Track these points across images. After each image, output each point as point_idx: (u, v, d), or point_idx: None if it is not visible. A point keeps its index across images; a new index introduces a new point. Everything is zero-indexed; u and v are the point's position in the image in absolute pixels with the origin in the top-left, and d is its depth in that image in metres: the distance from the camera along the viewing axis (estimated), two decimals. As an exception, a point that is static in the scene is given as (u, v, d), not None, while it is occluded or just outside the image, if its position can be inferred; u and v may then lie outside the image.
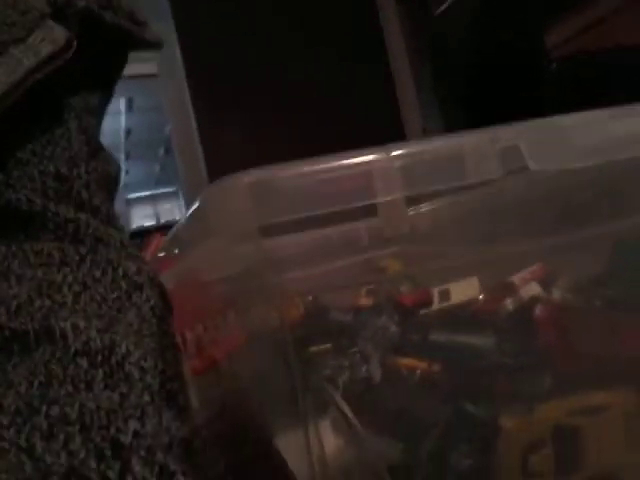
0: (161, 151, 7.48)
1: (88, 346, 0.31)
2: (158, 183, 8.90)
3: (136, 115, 6.23)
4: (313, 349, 0.46)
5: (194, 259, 0.47)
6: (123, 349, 0.32)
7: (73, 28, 0.37)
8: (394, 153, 0.39)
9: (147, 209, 9.38)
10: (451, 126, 2.36)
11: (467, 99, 2.09)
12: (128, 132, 6.82)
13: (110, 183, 0.40)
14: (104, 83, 0.43)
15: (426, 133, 3.09)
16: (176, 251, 0.57)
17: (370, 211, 0.57)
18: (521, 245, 0.63)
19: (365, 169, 0.39)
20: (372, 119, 3.24)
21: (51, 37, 0.35)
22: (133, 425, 0.30)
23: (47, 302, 0.32)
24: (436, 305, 0.58)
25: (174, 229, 0.58)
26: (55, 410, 0.29)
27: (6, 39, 0.34)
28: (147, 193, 9.16)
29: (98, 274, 0.34)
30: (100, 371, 0.31)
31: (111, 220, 0.38)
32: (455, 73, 2.17)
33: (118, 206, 0.42)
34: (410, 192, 0.40)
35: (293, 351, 0.41)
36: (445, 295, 0.60)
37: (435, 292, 0.60)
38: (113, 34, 0.40)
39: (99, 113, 0.42)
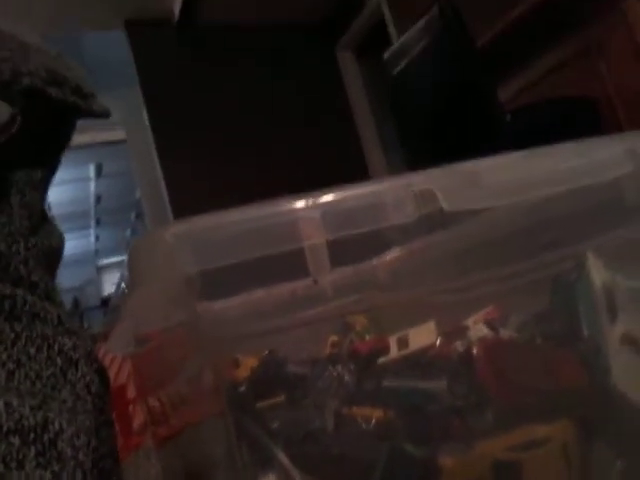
0: (132, 216, 7.47)
1: (21, 424, 0.30)
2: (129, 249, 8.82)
3: (106, 181, 6.23)
4: (262, 404, 0.46)
5: (131, 313, 0.46)
6: (56, 426, 0.31)
7: (18, 103, 0.37)
8: (316, 200, 0.40)
9: (117, 276, 9.27)
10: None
11: (427, 153, 2.15)
12: (98, 198, 6.81)
13: (51, 257, 0.39)
14: (50, 154, 0.43)
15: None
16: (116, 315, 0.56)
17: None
18: (478, 288, 0.63)
19: (289, 217, 0.40)
20: (339, 176, 3.30)
21: None
22: None
23: None
24: (394, 353, 0.57)
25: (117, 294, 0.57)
26: None
27: None
28: (119, 259, 9.07)
29: (33, 351, 0.34)
30: (32, 449, 0.30)
31: (50, 294, 0.37)
32: (414, 128, 2.23)
33: (88, 273, 0.41)
34: (333, 236, 0.40)
35: (233, 410, 0.41)
36: (403, 342, 0.60)
37: (393, 340, 0.60)
38: (59, 107, 0.40)
39: (44, 186, 0.42)
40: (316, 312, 0.78)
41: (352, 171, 3.39)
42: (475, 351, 0.45)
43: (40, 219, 0.40)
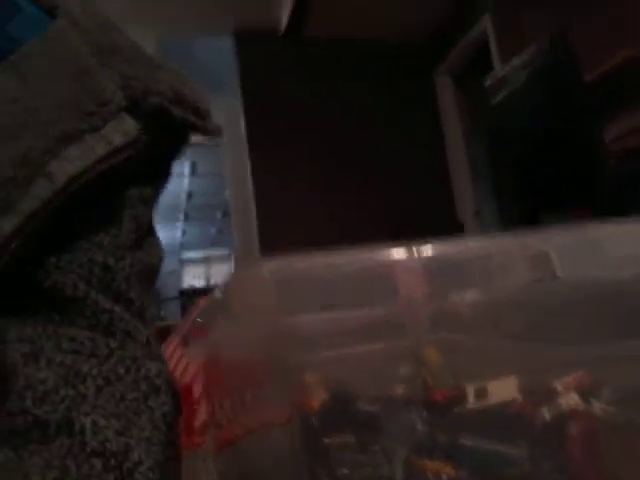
0: (219, 214, 7.68)
1: (104, 447, 0.31)
2: (213, 245, 9.09)
3: (198, 179, 6.45)
4: (331, 440, 0.45)
5: (220, 338, 0.46)
6: (136, 457, 0.32)
7: (142, 120, 0.38)
8: (421, 253, 0.39)
9: (199, 269, 9.55)
10: (504, 213, 2.34)
11: (521, 187, 2.07)
12: (189, 195, 7.05)
13: (150, 275, 0.40)
14: (162, 169, 0.44)
15: (478, 215, 3.08)
16: (203, 320, 0.57)
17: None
18: (566, 349, 0.60)
19: (389, 268, 0.38)
20: (425, 199, 3.25)
21: (124, 129, 0.37)
22: None
23: (71, 392, 0.32)
24: (471, 403, 0.55)
25: (206, 302, 0.58)
26: None
27: (84, 127, 0.36)
28: (201, 254, 9.35)
29: (122, 371, 0.34)
30: (112, 475, 0.31)
31: (142, 313, 0.38)
32: (510, 159, 2.17)
33: (171, 265, 0.42)
34: (434, 291, 0.39)
35: (304, 442, 0.40)
36: (482, 393, 0.58)
37: (471, 390, 0.58)
38: (177, 125, 0.41)
39: (153, 200, 0.43)
40: (391, 344, 0.77)
41: (437, 196, 3.34)
42: (573, 430, 0.42)
43: (145, 233, 0.41)
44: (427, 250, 0.39)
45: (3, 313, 0.35)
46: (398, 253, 0.39)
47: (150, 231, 0.42)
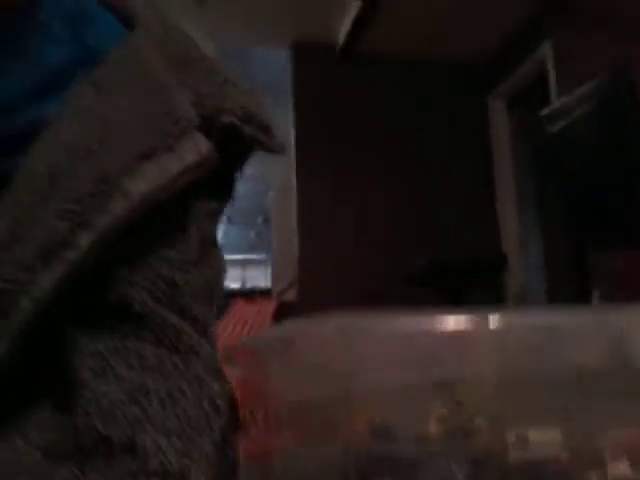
0: (260, 219, 7.72)
1: (164, 468, 0.31)
2: (251, 249, 9.15)
3: (242, 183, 6.49)
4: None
5: (276, 374, 0.46)
6: (194, 478, 0.32)
7: (214, 139, 0.39)
8: (492, 324, 0.38)
9: (235, 272, 9.63)
10: (550, 247, 2.30)
11: (571, 221, 2.03)
12: (232, 199, 7.10)
13: (213, 290, 0.40)
14: (226, 185, 0.45)
15: (522, 246, 3.03)
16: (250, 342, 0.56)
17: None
18: (614, 403, 0.58)
19: (459, 337, 0.38)
20: (469, 225, 3.21)
21: (196, 148, 0.37)
22: None
23: (135, 410, 0.33)
24: (512, 455, 0.54)
25: (258, 338, 0.58)
26: None
27: (159, 145, 0.36)
28: (239, 257, 9.42)
29: (186, 388, 0.35)
30: None
31: (206, 329, 0.38)
32: (560, 191, 2.12)
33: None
34: (502, 372, 0.38)
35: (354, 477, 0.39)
36: (522, 442, 0.56)
37: (512, 437, 0.56)
38: (245, 142, 0.41)
39: (218, 215, 0.44)
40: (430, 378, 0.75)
41: (481, 224, 3.29)
42: None
43: (209, 247, 0.41)
44: (496, 321, 0.38)
45: (75, 327, 0.35)
46: (467, 322, 0.38)
47: (214, 246, 0.43)
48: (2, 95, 0.37)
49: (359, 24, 3.08)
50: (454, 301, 2.16)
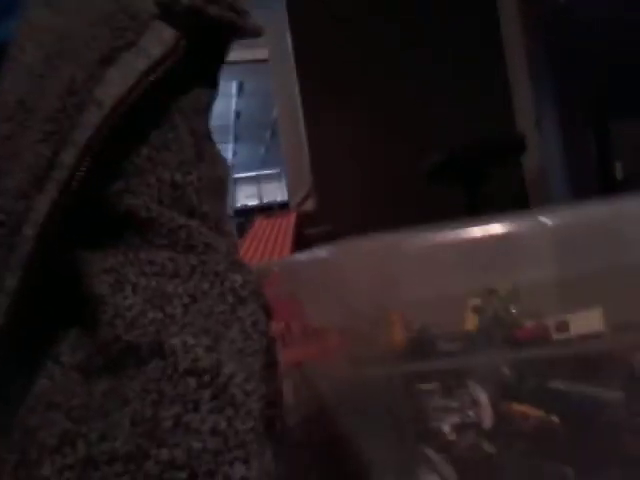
0: (267, 134, 7.63)
1: (196, 365, 0.31)
2: (263, 165, 9.11)
3: (246, 98, 6.37)
4: (420, 387, 0.44)
5: (313, 299, 0.46)
6: (228, 370, 0.32)
7: (179, 26, 0.37)
8: (545, 221, 0.36)
9: (251, 189, 9.64)
10: (568, 122, 2.23)
11: (587, 92, 1.96)
12: (238, 115, 7.00)
13: (220, 187, 0.40)
14: (209, 75, 0.43)
15: (538, 125, 2.94)
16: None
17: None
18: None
19: (509, 241, 0.36)
20: (484, 106, 3.12)
21: (161, 38, 0.36)
22: (239, 470, 0.30)
23: (159, 315, 0.33)
24: (554, 337, 0.53)
25: (293, 263, 0.57)
26: (164, 454, 0.30)
27: (120, 44, 0.35)
28: (252, 174, 9.41)
29: (206, 287, 0.34)
30: (207, 392, 0.31)
31: (219, 225, 0.38)
32: (575, 64, 2.03)
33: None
34: (562, 270, 0.36)
35: (400, 388, 0.39)
36: (563, 327, 0.56)
37: (551, 324, 0.56)
38: (215, 26, 0.39)
39: (207, 111, 0.42)
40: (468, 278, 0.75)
41: (496, 107, 3.20)
42: None
43: (205, 144, 0.40)
44: (553, 218, 0.37)
45: (85, 247, 0.35)
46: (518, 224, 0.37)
47: (210, 143, 0.42)
48: None
49: None
50: (471, 193, 2.13)
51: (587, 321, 0.56)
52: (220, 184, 0.40)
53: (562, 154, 2.43)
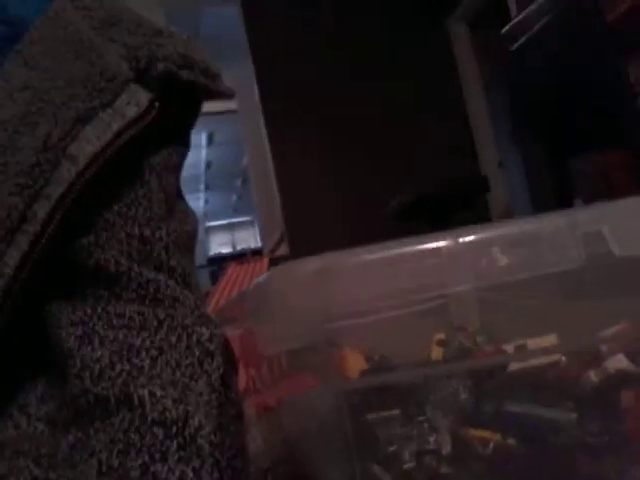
0: (239, 182, 7.68)
1: (164, 416, 0.32)
2: (236, 212, 9.13)
3: (216, 148, 6.43)
4: (375, 416, 0.45)
5: (258, 325, 0.46)
6: (196, 422, 0.32)
7: (153, 89, 0.38)
8: (462, 240, 0.37)
9: (224, 236, 9.61)
10: (529, 162, 2.30)
11: (546, 133, 2.03)
12: (208, 165, 7.05)
13: (188, 241, 0.41)
14: (180, 136, 0.44)
15: (501, 167, 3.02)
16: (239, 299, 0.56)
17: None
18: (606, 302, 0.59)
19: (433, 261, 0.37)
20: (447, 152, 3.20)
21: (135, 100, 0.37)
22: None
23: (127, 366, 0.33)
24: (513, 367, 0.54)
25: (243, 293, 0.58)
26: None
27: (96, 105, 0.36)
28: (225, 221, 9.40)
29: (174, 340, 0.35)
30: (174, 443, 0.31)
31: (186, 279, 0.38)
32: (532, 106, 2.11)
33: (198, 235, 0.44)
34: (481, 283, 0.38)
35: (349, 418, 0.40)
36: (521, 351, 0.57)
37: (510, 349, 0.57)
38: (187, 89, 0.41)
39: (178, 168, 0.44)
40: (424, 304, 0.76)
41: (458, 150, 3.29)
42: (625, 398, 0.41)
43: (175, 200, 0.41)
44: (468, 235, 0.38)
45: (54, 299, 0.36)
46: (438, 241, 0.38)
47: (180, 199, 0.43)
48: None
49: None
50: (438, 230, 2.17)
51: (544, 346, 0.57)
52: (188, 238, 0.41)
53: (525, 192, 2.49)
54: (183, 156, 0.44)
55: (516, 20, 2.08)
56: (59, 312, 0.35)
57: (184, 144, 0.44)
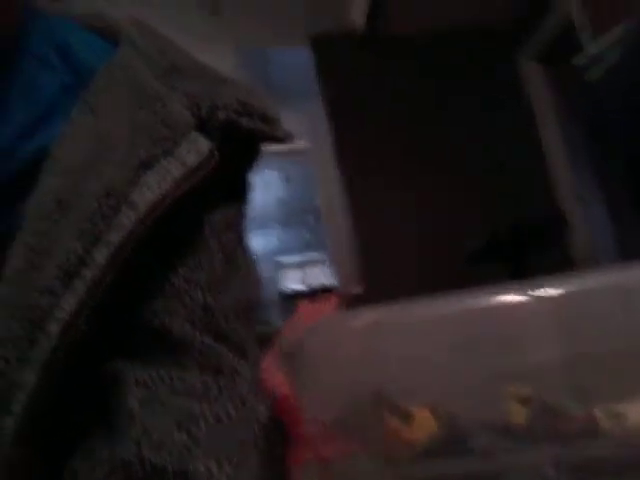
0: (311, 219, 7.76)
1: None
2: (308, 249, 9.21)
3: (289, 186, 6.53)
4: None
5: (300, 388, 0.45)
6: None
7: (213, 137, 0.38)
8: (540, 294, 0.34)
9: (296, 274, 9.70)
10: (611, 198, 2.20)
11: (630, 169, 1.93)
12: (281, 202, 7.17)
13: (248, 308, 0.40)
14: (240, 187, 0.44)
15: (581, 201, 2.90)
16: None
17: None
18: None
19: (504, 315, 0.34)
20: (524, 189, 3.10)
21: (196, 148, 0.37)
22: None
23: (184, 437, 0.32)
24: (604, 432, 0.49)
25: (292, 340, 0.56)
26: None
27: (158, 152, 0.36)
28: (297, 259, 9.50)
29: (233, 412, 0.34)
30: None
31: (243, 349, 0.38)
32: (614, 140, 2.02)
33: (267, 270, 0.43)
34: (566, 350, 0.34)
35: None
36: (617, 419, 0.52)
37: (601, 414, 0.52)
38: (248, 136, 0.41)
39: (239, 226, 0.43)
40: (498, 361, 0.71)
41: (536, 185, 3.19)
42: None
43: (236, 261, 0.41)
44: (552, 288, 0.35)
45: (118, 356, 0.35)
46: (508, 295, 0.35)
47: (243, 258, 0.42)
48: (1, 139, 0.38)
49: (375, 7, 3.03)
50: (518, 272, 2.09)
51: (638, 411, 0.52)
52: (248, 305, 0.41)
53: (609, 232, 2.38)
54: (243, 210, 0.44)
55: (589, 53, 2.02)
56: (124, 369, 0.35)
57: (244, 195, 0.44)
